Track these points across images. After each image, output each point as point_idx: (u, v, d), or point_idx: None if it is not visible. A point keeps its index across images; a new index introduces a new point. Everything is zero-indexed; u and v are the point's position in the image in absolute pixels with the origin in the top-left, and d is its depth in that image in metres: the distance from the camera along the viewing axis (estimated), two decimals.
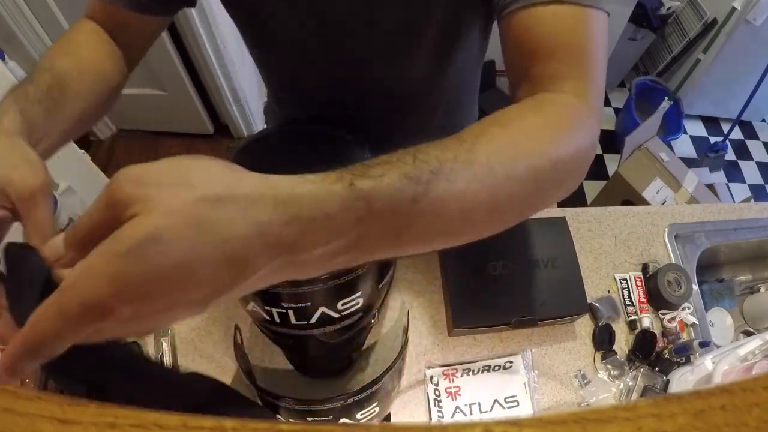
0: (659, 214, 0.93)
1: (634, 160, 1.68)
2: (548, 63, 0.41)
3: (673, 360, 0.76)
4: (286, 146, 0.52)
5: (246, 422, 0.13)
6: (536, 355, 0.76)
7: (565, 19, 0.41)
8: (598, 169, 2.18)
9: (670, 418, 0.12)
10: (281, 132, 0.54)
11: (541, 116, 0.37)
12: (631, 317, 0.81)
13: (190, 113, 1.91)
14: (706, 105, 2.44)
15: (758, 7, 1.87)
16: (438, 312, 0.77)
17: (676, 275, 0.82)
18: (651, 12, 2.13)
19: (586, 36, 0.41)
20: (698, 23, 2.15)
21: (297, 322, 0.51)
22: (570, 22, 0.41)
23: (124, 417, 0.13)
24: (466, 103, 0.76)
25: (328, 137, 0.53)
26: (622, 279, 0.84)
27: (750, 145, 2.55)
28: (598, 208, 0.91)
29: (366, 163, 0.27)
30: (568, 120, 0.38)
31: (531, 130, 0.35)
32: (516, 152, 0.32)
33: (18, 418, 0.13)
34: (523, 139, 0.34)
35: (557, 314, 0.73)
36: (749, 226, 0.96)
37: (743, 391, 0.13)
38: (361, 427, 0.26)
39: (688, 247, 0.91)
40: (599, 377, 0.75)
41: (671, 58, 2.33)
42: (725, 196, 1.87)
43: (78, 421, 0.13)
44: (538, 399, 0.73)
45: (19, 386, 0.55)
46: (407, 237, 0.27)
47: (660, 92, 2.20)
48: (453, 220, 0.29)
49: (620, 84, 2.54)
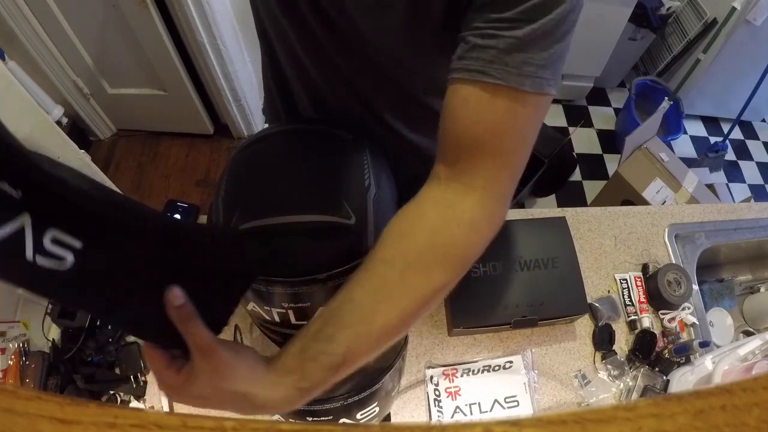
0: (659, 214, 0.93)
1: (634, 160, 1.68)
2: (469, 154, 0.43)
3: (673, 360, 0.76)
4: (286, 146, 0.52)
5: (246, 422, 0.13)
6: (536, 355, 0.76)
7: (497, 107, 0.40)
8: (598, 169, 2.18)
9: (670, 418, 0.12)
10: (281, 132, 0.54)
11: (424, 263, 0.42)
12: (631, 317, 0.81)
13: (190, 113, 1.91)
14: (706, 105, 2.44)
15: (758, 7, 1.87)
16: (438, 312, 0.77)
17: (676, 275, 0.82)
18: (651, 12, 2.13)
19: (515, 128, 0.42)
20: (698, 23, 2.15)
21: (297, 322, 0.51)
22: (501, 113, 0.41)
23: (124, 417, 0.13)
24: None
25: (328, 137, 0.53)
26: (622, 279, 0.84)
27: (750, 145, 2.55)
28: (598, 208, 0.91)
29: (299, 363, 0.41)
30: (450, 258, 0.43)
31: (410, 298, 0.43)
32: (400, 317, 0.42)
33: (18, 418, 0.13)
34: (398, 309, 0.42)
35: (557, 314, 0.73)
36: (749, 226, 0.96)
37: (743, 391, 0.13)
38: (361, 427, 0.26)
39: (688, 247, 0.91)
40: (599, 377, 0.75)
41: (671, 58, 2.33)
42: (725, 196, 1.87)
43: (78, 421, 0.13)
44: (538, 399, 0.73)
45: (19, 386, 0.55)
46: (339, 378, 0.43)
47: (660, 92, 2.20)
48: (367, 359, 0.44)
49: (620, 84, 2.54)
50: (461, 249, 0.43)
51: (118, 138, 2.06)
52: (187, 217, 0.82)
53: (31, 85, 1.66)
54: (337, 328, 0.41)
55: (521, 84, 0.39)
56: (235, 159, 0.52)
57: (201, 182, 1.94)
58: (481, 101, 0.41)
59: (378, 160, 0.54)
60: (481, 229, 0.44)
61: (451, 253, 0.43)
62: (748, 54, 2.08)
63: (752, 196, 2.26)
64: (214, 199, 0.51)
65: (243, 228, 0.47)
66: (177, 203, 0.83)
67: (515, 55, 0.39)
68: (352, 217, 0.47)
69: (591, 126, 2.38)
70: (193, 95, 1.83)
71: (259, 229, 0.47)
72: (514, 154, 0.43)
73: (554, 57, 0.40)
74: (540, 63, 0.39)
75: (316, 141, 0.51)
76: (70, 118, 1.89)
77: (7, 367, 0.68)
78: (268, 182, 0.48)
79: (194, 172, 1.97)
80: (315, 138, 0.52)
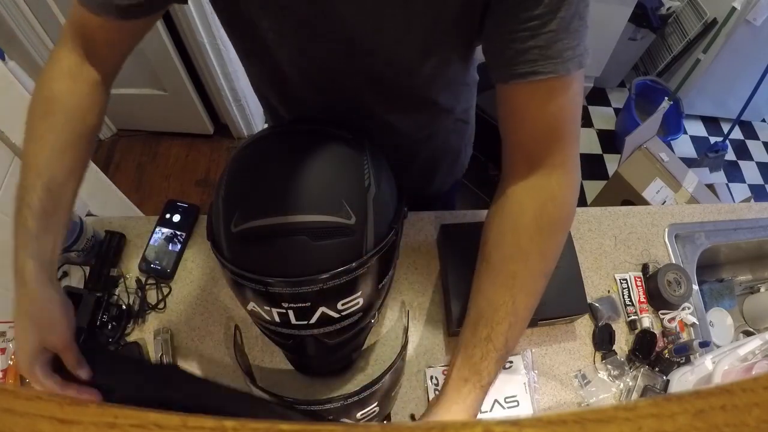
0: (659, 214, 0.93)
1: (634, 160, 1.68)
2: (541, 145, 0.49)
3: (673, 360, 0.76)
4: (286, 146, 0.52)
5: (246, 422, 0.13)
6: (536, 355, 0.76)
7: (554, 98, 0.46)
8: (598, 169, 2.18)
9: (670, 418, 0.12)
10: (281, 132, 0.54)
11: (537, 241, 0.50)
12: (631, 317, 0.81)
13: (190, 113, 1.91)
14: (706, 105, 2.44)
15: (758, 7, 1.87)
16: (438, 312, 0.77)
17: (676, 275, 0.82)
18: (651, 12, 2.12)
19: (571, 108, 0.48)
20: (698, 23, 2.15)
21: (297, 322, 0.51)
22: (558, 101, 0.46)
23: (124, 417, 0.13)
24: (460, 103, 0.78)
25: (328, 137, 0.52)
26: (622, 279, 0.84)
27: (750, 145, 2.54)
28: (598, 208, 0.91)
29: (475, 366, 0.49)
30: (559, 225, 0.51)
31: (535, 273, 0.52)
32: (535, 290, 0.53)
33: (18, 418, 0.13)
34: (534, 284, 0.52)
35: (557, 314, 0.73)
36: (749, 226, 0.96)
37: (743, 391, 0.13)
38: (361, 427, 0.26)
39: (688, 247, 0.91)
40: (599, 377, 0.75)
41: (671, 58, 2.33)
42: (725, 196, 1.87)
43: (78, 421, 0.13)
44: (538, 399, 0.73)
45: (19, 386, 0.56)
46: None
47: (660, 92, 2.20)
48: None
49: (620, 84, 2.54)
50: (562, 220, 0.52)
51: (118, 138, 2.06)
52: (187, 217, 0.82)
53: (31, 85, 1.66)
54: (491, 328, 0.50)
55: (567, 70, 0.44)
56: (235, 159, 0.52)
57: (201, 182, 1.94)
58: (540, 98, 0.46)
59: (378, 160, 0.54)
60: (568, 197, 0.51)
61: (555, 227, 0.51)
62: (748, 54, 2.07)
63: (752, 196, 2.26)
64: (214, 199, 0.51)
65: (243, 228, 0.47)
66: (177, 203, 0.83)
67: (555, 47, 0.43)
68: (352, 217, 0.47)
69: (591, 126, 2.38)
70: (193, 95, 1.82)
71: (259, 229, 0.47)
72: (574, 126, 0.49)
73: (583, 30, 0.44)
74: (575, 43, 0.44)
75: (316, 141, 0.51)
76: None
77: (7, 367, 0.68)
78: (268, 182, 0.48)
79: (194, 172, 1.97)
80: (315, 138, 0.52)
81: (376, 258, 0.50)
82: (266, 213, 0.46)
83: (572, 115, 0.48)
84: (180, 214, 0.82)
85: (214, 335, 0.74)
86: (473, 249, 0.57)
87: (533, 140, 0.49)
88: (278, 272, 0.47)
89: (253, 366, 0.71)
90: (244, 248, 0.48)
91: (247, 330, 0.74)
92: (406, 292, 0.78)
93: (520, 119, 0.49)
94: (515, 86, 0.46)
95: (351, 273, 0.48)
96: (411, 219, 0.84)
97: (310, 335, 0.53)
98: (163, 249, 0.79)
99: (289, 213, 0.46)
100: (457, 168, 0.90)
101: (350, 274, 0.48)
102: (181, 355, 0.73)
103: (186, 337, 0.74)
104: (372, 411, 0.58)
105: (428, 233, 0.84)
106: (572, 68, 0.44)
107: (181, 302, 0.76)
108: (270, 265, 0.47)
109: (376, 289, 0.54)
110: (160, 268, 0.77)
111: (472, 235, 0.76)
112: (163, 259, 0.78)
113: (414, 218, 0.84)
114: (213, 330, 0.74)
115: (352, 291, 0.50)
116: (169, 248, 0.79)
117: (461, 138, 0.83)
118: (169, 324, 0.75)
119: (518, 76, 0.45)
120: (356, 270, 0.48)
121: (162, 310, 0.76)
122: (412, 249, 0.82)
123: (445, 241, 0.77)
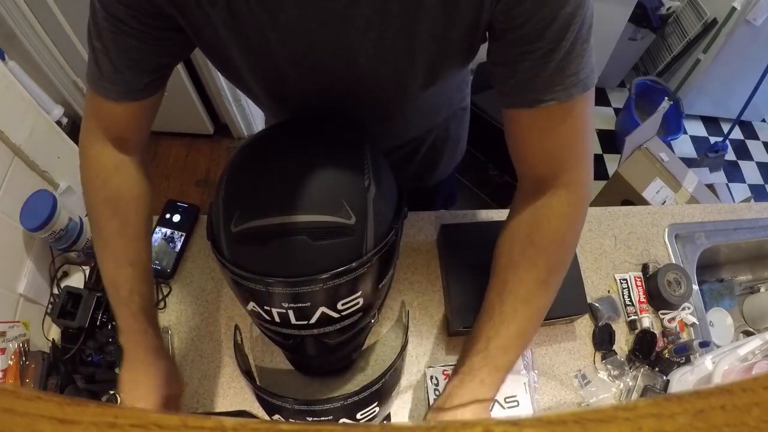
0: (659, 214, 0.93)
1: (634, 160, 1.68)
2: (545, 166, 0.51)
3: (673, 360, 0.76)
4: (286, 146, 0.51)
5: (246, 422, 0.13)
6: (536, 355, 0.76)
7: (557, 123, 0.46)
8: (598, 169, 2.18)
9: (670, 418, 0.12)
10: (282, 132, 0.54)
11: (541, 265, 0.53)
12: (631, 317, 0.81)
13: (190, 113, 1.91)
14: (706, 105, 2.43)
15: (758, 7, 1.87)
16: (438, 312, 0.77)
17: (676, 275, 0.82)
18: (651, 12, 2.12)
19: (575, 131, 0.48)
20: (698, 23, 2.14)
21: (297, 322, 0.51)
22: (562, 126, 0.47)
23: (124, 417, 0.13)
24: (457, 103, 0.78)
25: (328, 137, 0.52)
26: (622, 279, 0.84)
27: (750, 145, 2.54)
28: (598, 208, 0.91)
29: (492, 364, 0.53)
30: (558, 240, 0.52)
31: (540, 306, 0.55)
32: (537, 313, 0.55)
33: (18, 418, 0.13)
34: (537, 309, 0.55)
35: (557, 314, 0.73)
36: (749, 226, 0.96)
37: (743, 391, 0.13)
38: (361, 427, 0.26)
39: (688, 247, 0.91)
40: (599, 377, 0.75)
41: (671, 58, 2.32)
42: (725, 196, 1.87)
43: (78, 421, 0.13)
44: (538, 399, 0.73)
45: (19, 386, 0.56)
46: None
47: (660, 92, 2.20)
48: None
49: (620, 84, 2.54)
50: (561, 235, 0.52)
51: None
52: (187, 217, 0.82)
53: (31, 85, 1.66)
54: (476, 328, 0.56)
55: (570, 96, 0.44)
56: (235, 159, 0.52)
57: (201, 182, 1.94)
58: (542, 124, 0.47)
59: (378, 160, 0.54)
60: (570, 215, 0.52)
61: (553, 243, 0.52)
62: (748, 54, 2.07)
63: (752, 196, 2.26)
64: (214, 199, 0.51)
65: (243, 228, 0.47)
66: (177, 203, 0.83)
67: (559, 76, 0.43)
68: (352, 217, 0.47)
69: None
70: (193, 95, 1.82)
71: (259, 229, 0.47)
72: (581, 147, 0.50)
73: (588, 52, 0.44)
74: (580, 68, 0.44)
75: (316, 141, 0.51)
76: (70, 118, 1.89)
77: (7, 367, 0.68)
78: (268, 182, 0.48)
79: (194, 172, 1.97)
80: (315, 138, 0.52)
81: (376, 258, 0.49)
82: (266, 213, 0.46)
83: (579, 136, 0.49)
84: (180, 214, 0.82)
85: (214, 335, 0.74)
86: (473, 249, 0.57)
87: (538, 162, 0.51)
88: (278, 272, 0.47)
89: (253, 366, 0.71)
90: (244, 248, 0.48)
91: (247, 330, 0.74)
92: (406, 292, 0.78)
93: (525, 142, 0.51)
94: (520, 112, 0.47)
95: (351, 273, 0.48)
96: (411, 219, 0.84)
97: (310, 335, 0.53)
98: (163, 249, 0.79)
99: (289, 213, 0.46)
100: (458, 152, 0.90)
101: (350, 274, 0.48)
102: (181, 355, 0.73)
103: (186, 337, 0.74)
104: (372, 411, 0.58)
105: (428, 233, 0.84)
106: (576, 93, 0.44)
107: (181, 302, 0.77)
108: (270, 265, 0.47)
109: (376, 289, 0.54)
110: (160, 268, 0.77)
111: (472, 235, 0.76)
112: (163, 259, 0.78)
113: (414, 218, 0.84)
114: (213, 330, 0.74)
115: (352, 291, 0.50)
116: (169, 248, 0.79)
117: (460, 124, 0.84)
118: (169, 324, 0.75)
119: (519, 104, 0.46)
120: (356, 270, 0.48)
121: (162, 310, 0.76)
122: (412, 249, 0.82)
123: (445, 241, 0.77)
